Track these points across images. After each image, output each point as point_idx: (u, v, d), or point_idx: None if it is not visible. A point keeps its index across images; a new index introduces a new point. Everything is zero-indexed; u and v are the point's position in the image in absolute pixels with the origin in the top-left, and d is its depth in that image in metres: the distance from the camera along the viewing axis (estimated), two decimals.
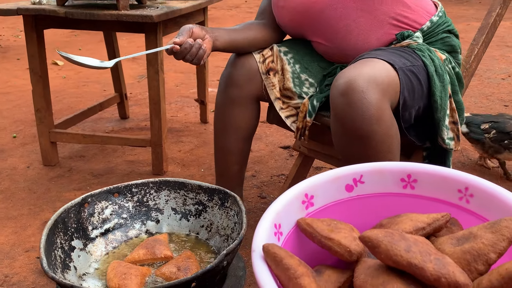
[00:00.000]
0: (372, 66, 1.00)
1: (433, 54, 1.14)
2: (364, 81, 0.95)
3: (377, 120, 0.95)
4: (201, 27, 1.18)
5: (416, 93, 1.09)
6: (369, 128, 0.95)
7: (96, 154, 2.07)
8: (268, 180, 1.84)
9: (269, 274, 0.53)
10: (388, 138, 0.98)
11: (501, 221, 0.56)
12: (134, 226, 1.10)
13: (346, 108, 0.96)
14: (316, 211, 0.69)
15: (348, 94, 0.95)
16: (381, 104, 0.96)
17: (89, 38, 4.62)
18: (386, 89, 0.98)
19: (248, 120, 1.34)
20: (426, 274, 0.51)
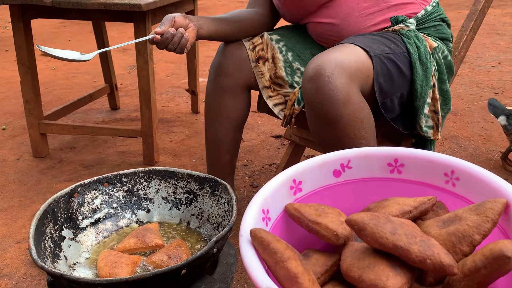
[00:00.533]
0: (342, 51, 1.01)
1: (421, 42, 1.14)
2: (330, 67, 0.96)
3: (344, 103, 0.96)
4: (184, 16, 1.17)
5: (395, 80, 1.09)
6: (337, 112, 0.96)
7: (87, 145, 2.06)
8: (260, 169, 1.85)
9: (256, 258, 0.53)
10: (357, 122, 0.99)
11: (485, 203, 0.57)
12: (124, 216, 1.10)
13: (314, 93, 0.97)
14: (304, 196, 0.70)
15: (315, 79, 0.97)
16: (348, 88, 0.97)
17: (79, 29, 4.57)
18: (354, 73, 0.99)
19: (239, 109, 1.34)
20: (412, 256, 0.51)
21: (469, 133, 2.11)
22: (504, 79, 2.80)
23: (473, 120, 2.24)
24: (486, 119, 2.25)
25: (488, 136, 2.07)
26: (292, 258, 0.53)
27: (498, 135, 2.08)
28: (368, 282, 0.51)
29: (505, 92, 2.58)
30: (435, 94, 1.14)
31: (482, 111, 2.34)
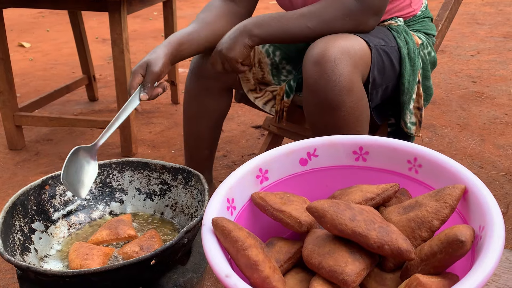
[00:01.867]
0: (346, 38, 1.00)
1: (409, 37, 1.15)
2: (337, 52, 0.94)
3: (348, 91, 0.95)
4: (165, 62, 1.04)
5: (386, 73, 1.09)
6: (339, 99, 0.95)
7: (64, 137, 2.03)
8: (239, 160, 1.85)
9: (217, 247, 0.53)
10: (357, 110, 0.99)
11: (444, 189, 0.58)
12: (97, 207, 1.09)
13: (317, 77, 0.95)
14: (271, 185, 0.70)
15: (320, 63, 0.95)
16: (352, 76, 0.96)
17: (58, 19, 4.49)
18: (358, 61, 0.98)
19: (220, 108, 1.32)
20: (370, 242, 0.52)
21: (447, 122, 2.14)
22: (482, 68, 2.84)
23: (451, 109, 2.27)
24: (463, 108, 2.28)
25: (465, 125, 2.10)
26: (253, 246, 0.53)
27: (475, 123, 2.11)
28: (327, 268, 0.52)
29: (483, 81, 2.61)
30: (419, 90, 1.14)
31: (460, 100, 2.37)
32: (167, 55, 1.05)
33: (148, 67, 1.02)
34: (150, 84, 1.02)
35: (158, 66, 1.02)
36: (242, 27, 1.05)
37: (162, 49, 1.05)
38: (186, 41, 1.10)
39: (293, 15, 1.03)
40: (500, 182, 1.65)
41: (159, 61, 1.03)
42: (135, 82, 1.01)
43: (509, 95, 2.40)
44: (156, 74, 1.02)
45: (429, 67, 1.20)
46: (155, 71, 1.01)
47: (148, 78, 1.01)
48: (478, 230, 0.52)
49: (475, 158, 1.82)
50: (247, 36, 1.04)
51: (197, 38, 1.12)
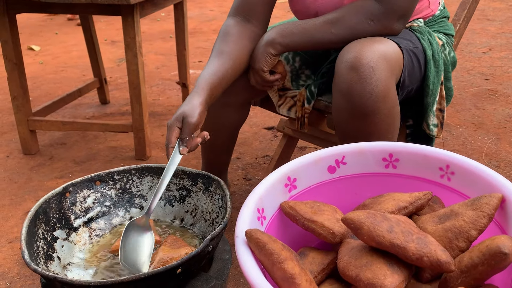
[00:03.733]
0: (381, 41, 0.97)
1: (433, 38, 1.13)
2: (373, 56, 0.92)
3: (384, 97, 0.92)
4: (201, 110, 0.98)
5: (414, 74, 1.08)
6: (375, 105, 0.92)
7: (78, 141, 2.04)
8: (253, 162, 1.84)
9: (252, 260, 0.53)
10: (390, 117, 0.96)
11: (481, 198, 0.57)
12: (117, 214, 1.09)
13: (353, 83, 0.92)
14: (299, 193, 0.69)
15: (356, 68, 0.92)
16: (389, 82, 0.94)
17: (66, 21, 4.50)
18: (394, 66, 0.96)
19: (239, 119, 1.31)
20: (409, 254, 0.51)
21: (461, 121, 2.12)
22: (495, 65, 2.81)
23: (464, 108, 2.25)
24: (477, 106, 2.25)
25: (479, 124, 2.08)
26: (288, 258, 0.53)
27: (490, 122, 2.09)
28: (366, 281, 0.51)
29: (496, 78, 2.59)
30: (442, 92, 1.13)
31: (474, 98, 2.35)
32: (202, 104, 1.00)
33: (185, 119, 0.96)
34: (189, 137, 0.96)
35: (194, 118, 0.96)
36: (266, 38, 1.05)
37: (196, 98, 1.00)
38: (217, 84, 1.05)
39: (316, 21, 1.02)
40: None
41: (195, 111, 0.97)
42: (173, 136, 0.95)
43: None
44: (193, 125, 0.96)
45: (450, 68, 1.19)
46: (192, 122, 0.96)
47: (186, 130, 0.96)
48: None
49: (492, 158, 1.80)
50: (270, 45, 1.04)
51: (225, 75, 1.07)
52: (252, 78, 1.11)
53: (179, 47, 2.26)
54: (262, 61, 1.05)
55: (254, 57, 1.08)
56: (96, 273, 0.93)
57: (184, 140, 0.96)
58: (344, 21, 1.00)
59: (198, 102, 0.99)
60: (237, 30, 1.12)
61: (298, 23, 1.05)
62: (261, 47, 1.06)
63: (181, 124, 0.97)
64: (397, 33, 1.05)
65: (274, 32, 1.05)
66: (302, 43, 1.03)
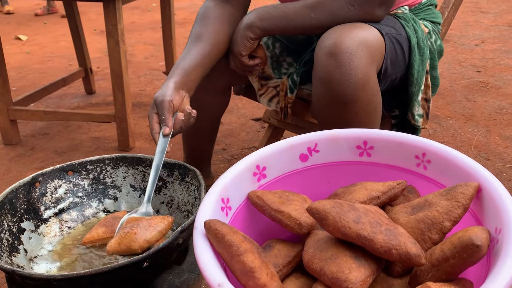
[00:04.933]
0: (361, 28, 0.94)
1: (418, 26, 1.09)
2: (353, 42, 0.89)
3: (363, 85, 0.89)
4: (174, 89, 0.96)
5: (397, 63, 1.04)
6: (354, 93, 0.89)
7: (60, 131, 1.99)
8: (239, 153, 1.80)
9: (210, 252, 0.49)
10: (371, 105, 0.93)
11: (456, 187, 0.53)
12: (90, 205, 1.05)
13: (332, 70, 0.89)
14: (269, 183, 0.65)
15: (335, 55, 0.89)
16: (369, 69, 0.90)
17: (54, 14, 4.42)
18: (375, 53, 0.93)
19: (219, 105, 1.28)
20: (376, 246, 0.48)
21: (451, 113, 2.09)
22: (487, 57, 2.78)
23: (455, 100, 2.22)
24: (468, 98, 2.22)
25: (470, 116, 2.05)
26: (248, 251, 0.49)
27: (481, 114, 2.06)
28: (330, 275, 0.48)
29: (487, 70, 2.56)
30: (428, 81, 1.09)
31: (465, 90, 2.31)
32: (175, 83, 0.97)
33: (156, 101, 0.94)
34: (166, 116, 0.93)
35: (165, 95, 0.93)
36: (245, 21, 1.01)
37: (168, 81, 0.98)
38: (193, 67, 1.02)
39: (296, 5, 0.98)
40: (507, 174, 1.60)
41: (167, 91, 0.95)
42: (154, 123, 0.93)
43: None
44: (166, 102, 0.93)
45: (436, 56, 1.15)
46: (165, 100, 0.93)
47: (161, 111, 0.93)
48: (494, 233, 0.48)
49: (481, 150, 1.77)
50: (249, 28, 1.00)
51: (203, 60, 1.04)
52: (232, 62, 1.08)
53: (166, 37, 2.22)
54: (240, 45, 1.02)
55: (233, 41, 1.04)
56: (64, 266, 0.90)
57: (163, 120, 0.93)
58: (324, 5, 0.96)
59: (169, 83, 0.97)
60: (216, 13, 1.08)
61: (278, 6, 1.01)
62: (240, 31, 1.02)
63: (156, 110, 0.95)
64: (379, 20, 1.01)
65: (253, 16, 1.01)
66: (281, 27, 0.99)
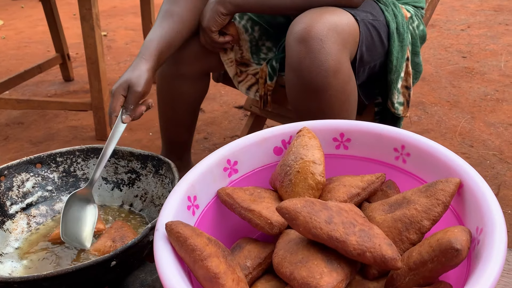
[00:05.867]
0: (333, 12, 0.90)
1: (398, 10, 1.05)
2: (323, 28, 0.85)
3: (334, 73, 0.86)
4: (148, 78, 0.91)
5: (374, 49, 1.01)
6: (325, 81, 0.86)
7: (36, 120, 1.93)
8: (221, 142, 1.76)
9: (171, 258, 0.45)
10: (344, 93, 0.90)
11: (436, 183, 0.50)
12: (61, 199, 1.00)
13: (302, 57, 0.86)
14: (241, 178, 0.62)
15: (305, 41, 0.85)
16: (340, 56, 0.87)
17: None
18: (347, 39, 0.89)
19: (197, 93, 1.24)
20: (349, 248, 0.44)
21: (436, 99, 2.07)
22: (472, 42, 2.76)
23: (440, 86, 2.19)
24: (453, 84, 2.20)
25: (455, 102, 2.03)
26: (213, 255, 0.45)
27: (465, 100, 2.04)
28: (300, 280, 0.44)
29: (473, 56, 2.54)
30: (408, 68, 1.06)
31: (450, 76, 2.29)
32: (149, 70, 0.93)
33: (130, 88, 0.89)
34: (134, 106, 0.89)
35: (141, 86, 0.89)
36: None
37: (142, 64, 0.93)
38: (166, 48, 0.98)
39: None
40: (491, 162, 1.59)
41: (142, 79, 0.90)
42: (117, 105, 0.89)
43: (499, 70, 2.33)
44: (139, 94, 0.89)
45: (419, 42, 1.12)
46: (139, 91, 0.89)
47: (131, 99, 0.89)
48: (476, 233, 0.45)
49: (465, 137, 1.75)
50: (221, 3, 0.95)
51: (175, 39, 1.00)
52: (202, 37, 1.04)
53: (145, 21, 2.15)
54: (211, 20, 0.97)
55: (203, 15, 1.00)
56: (30, 265, 0.85)
57: (128, 109, 0.90)
58: None
59: (145, 69, 0.92)
60: None
61: None
62: (211, 4, 0.98)
63: (126, 92, 0.90)
64: (357, 5, 0.96)
65: None
66: (254, 5, 0.95)
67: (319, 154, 0.56)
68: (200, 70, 1.19)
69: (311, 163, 0.55)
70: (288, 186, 0.55)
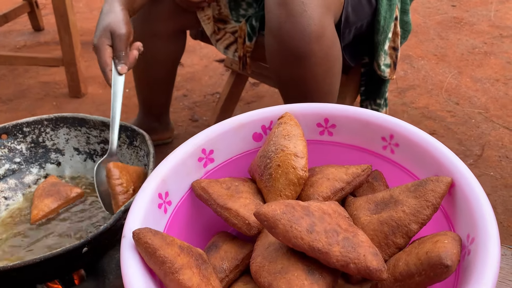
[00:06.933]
0: None
1: None
2: None
3: (318, 38, 0.80)
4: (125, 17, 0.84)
5: (361, 9, 0.94)
6: (308, 47, 0.81)
7: (5, 75, 1.82)
8: (201, 100, 1.70)
9: (139, 270, 0.42)
10: (328, 60, 0.85)
11: (426, 182, 0.46)
12: (31, 171, 0.95)
13: (282, 21, 0.80)
14: (217, 167, 0.57)
15: (286, 4, 0.79)
16: (324, 20, 0.81)
17: None
18: (331, 2, 0.83)
19: (173, 52, 1.16)
20: (332, 260, 0.41)
21: (424, 52, 2.01)
22: None
23: (428, 38, 2.13)
24: (441, 36, 2.14)
25: (442, 56, 1.98)
26: (185, 266, 0.42)
27: (453, 54, 1.99)
28: None
29: (462, 5, 2.45)
30: (396, 28, 1.00)
31: (438, 27, 2.22)
32: (124, 9, 0.84)
33: (113, 33, 0.81)
34: (125, 52, 0.82)
35: (123, 28, 0.81)
36: None
37: (115, 4, 0.84)
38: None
39: None
40: (476, 120, 1.57)
41: (121, 20, 0.82)
42: (106, 57, 0.81)
43: (489, 20, 2.26)
44: (125, 36, 0.81)
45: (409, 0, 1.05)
46: (123, 33, 0.81)
47: (119, 45, 0.81)
48: (466, 241, 0.42)
49: (452, 94, 1.72)
50: None
51: None
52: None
53: None
54: None
55: None
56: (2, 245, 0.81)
57: (121, 57, 0.82)
58: None
59: (119, 9, 0.84)
60: None
61: None
62: None
63: (110, 41, 0.82)
64: None
65: None
66: None
67: (301, 146, 0.52)
68: (175, 28, 1.11)
69: (292, 156, 0.51)
70: (268, 180, 0.51)
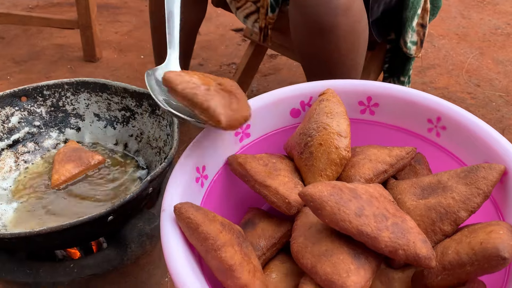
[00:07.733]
0: None
1: None
2: None
3: (345, 10, 0.77)
4: None
5: None
6: (334, 20, 0.77)
7: (18, 35, 1.78)
8: (217, 70, 1.66)
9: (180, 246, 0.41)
10: (354, 34, 0.82)
11: (478, 169, 0.45)
12: (50, 135, 0.94)
13: None
14: (254, 142, 0.55)
15: None
16: None
17: None
18: None
19: (194, 18, 1.13)
20: (381, 245, 0.40)
21: (445, 31, 1.96)
22: None
23: (450, 16, 2.07)
24: (463, 15, 2.08)
25: (463, 35, 1.93)
26: (227, 244, 0.41)
27: (475, 33, 1.94)
28: (323, 276, 0.40)
29: None
30: (426, 4, 0.96)
31: (461, 5, 2.16)
32: None
33: None
34: None
35: None
36: None
37: None
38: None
39: None
40: (496, 103, 1.54)
41: None
42: None
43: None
44: None
45: None
46: None
47: None
48: None
49: (472, 75, 1.68)
50: None
51: None
52: None
53: None
54: None
55: None
56: (22, 208, 0.81)
57: None
58: None
59: None
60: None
61: None
62: None
63: None
64: None
65: None
66: None
67: (345, 125, 0.50)
68: None
69: (335, 135, 0.49)
70: (308, 159, 0.50)
